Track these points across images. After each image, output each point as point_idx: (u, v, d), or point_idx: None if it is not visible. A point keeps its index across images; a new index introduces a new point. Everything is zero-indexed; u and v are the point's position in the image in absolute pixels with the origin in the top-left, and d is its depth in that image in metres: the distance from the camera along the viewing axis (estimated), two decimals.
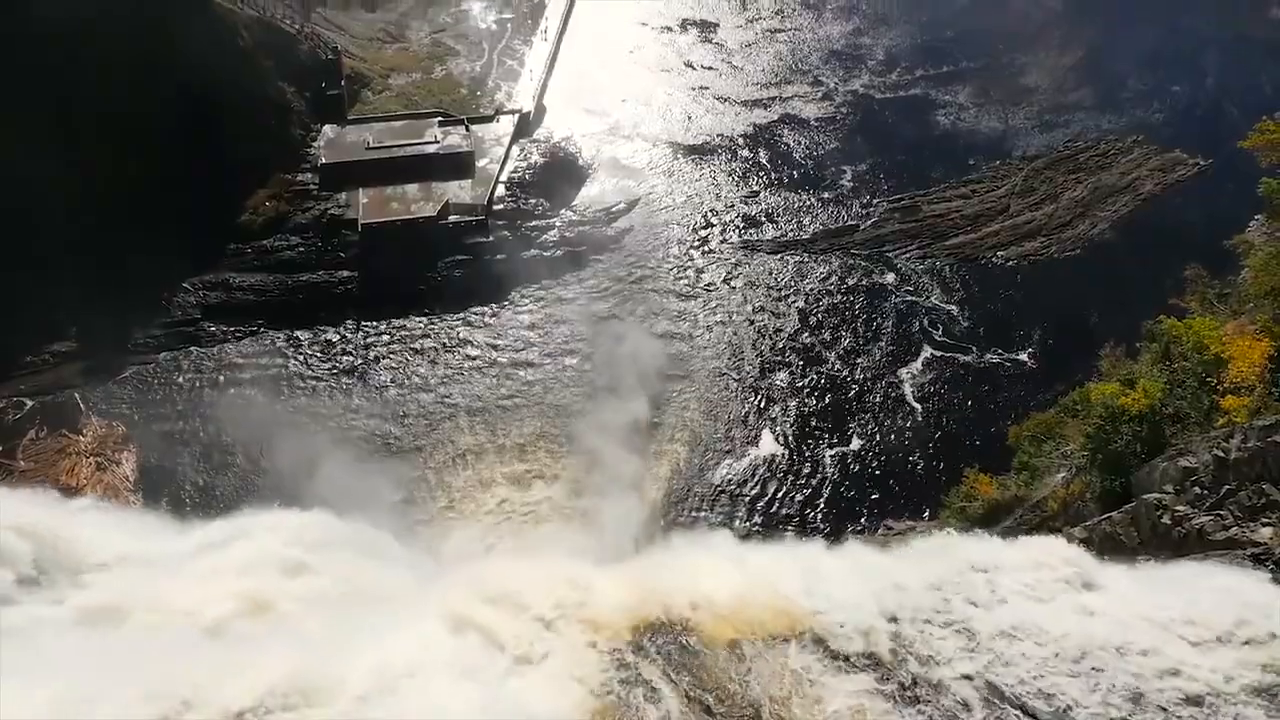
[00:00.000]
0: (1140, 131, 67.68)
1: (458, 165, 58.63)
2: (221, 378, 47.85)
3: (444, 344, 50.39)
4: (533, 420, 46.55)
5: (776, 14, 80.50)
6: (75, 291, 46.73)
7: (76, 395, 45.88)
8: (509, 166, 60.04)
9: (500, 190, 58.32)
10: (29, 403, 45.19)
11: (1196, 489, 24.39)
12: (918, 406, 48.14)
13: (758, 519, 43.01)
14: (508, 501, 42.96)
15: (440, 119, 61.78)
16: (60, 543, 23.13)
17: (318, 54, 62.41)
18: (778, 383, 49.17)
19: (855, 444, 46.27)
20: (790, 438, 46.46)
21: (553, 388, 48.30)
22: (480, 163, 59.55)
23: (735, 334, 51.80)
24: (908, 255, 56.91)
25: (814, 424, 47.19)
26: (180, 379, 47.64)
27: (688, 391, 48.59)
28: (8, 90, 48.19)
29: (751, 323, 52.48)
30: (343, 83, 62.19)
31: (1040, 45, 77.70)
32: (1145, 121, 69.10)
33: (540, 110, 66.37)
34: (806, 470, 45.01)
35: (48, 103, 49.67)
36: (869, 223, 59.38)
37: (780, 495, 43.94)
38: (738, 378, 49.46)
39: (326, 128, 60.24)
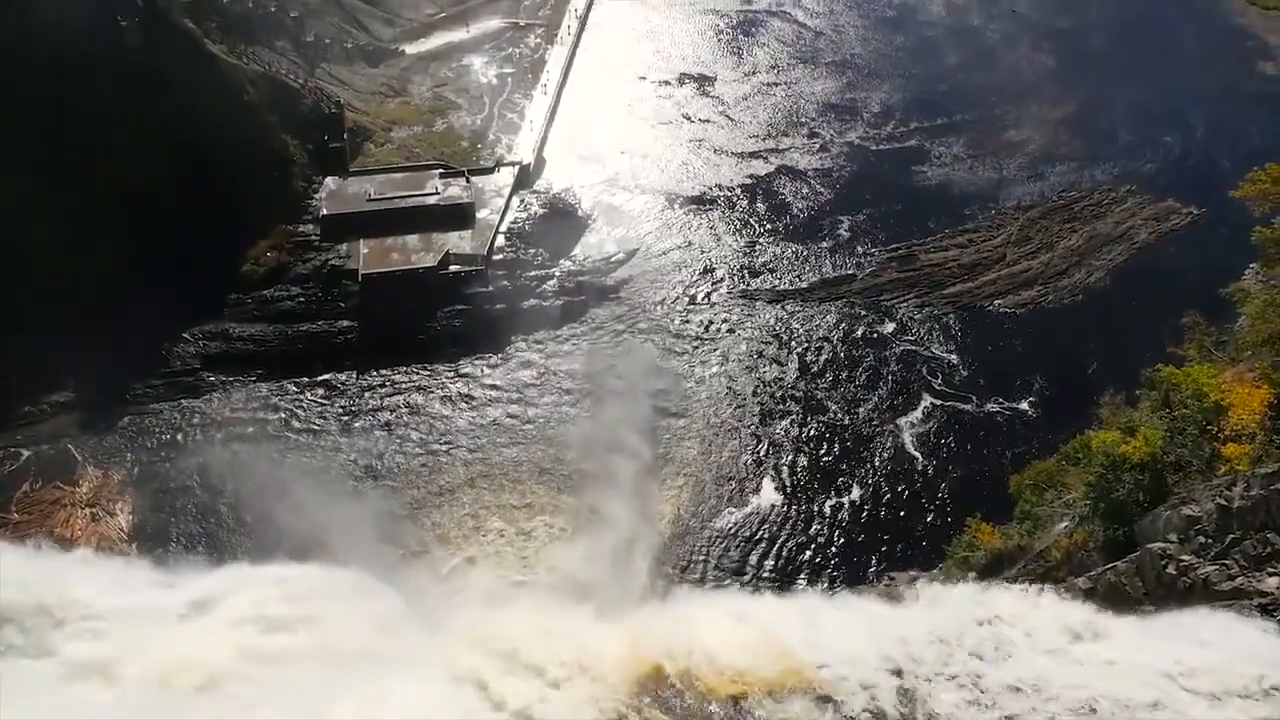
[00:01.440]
0: (1133, 181, 68.50)
1: (458, 216, 59.17)
2: (219, 428, 47.65)
3: (443, 393, 50.30)
4: (532, 468, 46.31)
5: (772, 68, 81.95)
6: (75, 342, 46.75)
7: (73, 446, 45.65)
8: (509, 217, 60.58)
9: (500, 240, 58.76)
10: (25, 453, 44.98)
11: (1201, 538, 24.14)
12: (918, 455, 47.93)
13: (759, 569, 42.51)
14: (507, 549, 42.52)
15: (441, 171, 62.52)
16: (52, 596, 22.79)
17: (321, 108, 63.36)
18: (779, 430, 49.01)
19: (855, 493, 45.96)
20: (791, 486, 46.17)
21: (552, 435, 48.09)
22: (480, 213, 60.08)
23: (735, 382, 51.76)
24: (906, 304, 57.14)
25: (815, 472, 46.92)
26: (178, 429, 47.44)
27: (689, 439, 48.39)
28: (8, 141, 48.84)
29: (752, 371, 52.48)
30: (345, 136, 63.08)
31: (1032, 99, 79.01)
32: (1137, 171, 69.97)
33: (540, 162, 67.20)
34: (808, 519, 44.63)
35: (49, 154, 50.35)
36: (866, 272, 59.73)
37: (782, 545, 43.50)
38: (738, 425, 49.29)
39: (328, 179, 60.90)
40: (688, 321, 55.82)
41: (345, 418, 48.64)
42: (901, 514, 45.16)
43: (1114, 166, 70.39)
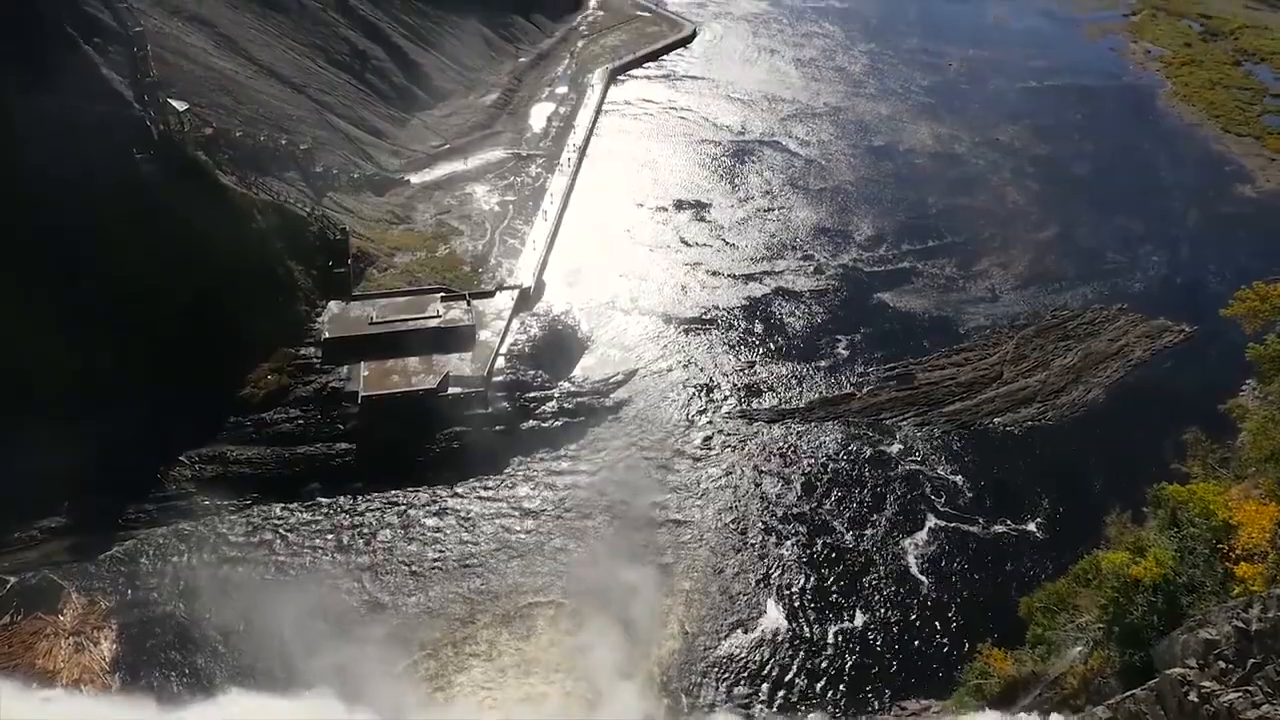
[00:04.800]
0: (1123, 300, 69.66)
1: (459, 339, 59.86)
2: (210, 554, 46.76)
3: (439, 515, 49.59)
4: (532, 591, 45.22)
5: (766, 194, 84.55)
6: (71, 465, 46.36)
7: (59, 574, 44.68)
8: (509, 339, 61.25)
9: (500, 362, 59.23)
10: (11, 580, 43.97)
11: (1221, 663, 23.37)
12: (924, 579, 46.92)
13: (765, 699, 40.93)
14: (506, 677, 41.09)
15: (443, 294, 63.62)
16: None
17: (327, 235, 64.99)
18: (783, 550, 48.14)
19: (861, 618, 44.73)
20: (796, 608, 44.98)
21: (552, 557, 47.17)
22: (481, 336, 60.79)
23: (738, 501, 51.18)
24: (906, 423, 57.12)
25: (820, 595, 45.80)
26: (168, 555, 46.55)
27: (691, 559, 47.44)
28: (17, 264, 49.96)
29: (754, 490, 51.96)
30: (349, 261, 64.48)
31: (1019, 221, 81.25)
32: (1127, 290, 71.25)
33: (540, 285, 68.48)
34: (814, 645, 43.29)
35: (55, 281, 51.41)
36: (865, 391, 59.97)
37: (789, 672, 42.04)
38: (741, 545, 48.46)
39: (331, 303, 61.88)
40: (688, 441, 55.63)
41: (339, 541, 47.80)
42: (910, 640, 43.82)
43: (1104, 286, 71.74)
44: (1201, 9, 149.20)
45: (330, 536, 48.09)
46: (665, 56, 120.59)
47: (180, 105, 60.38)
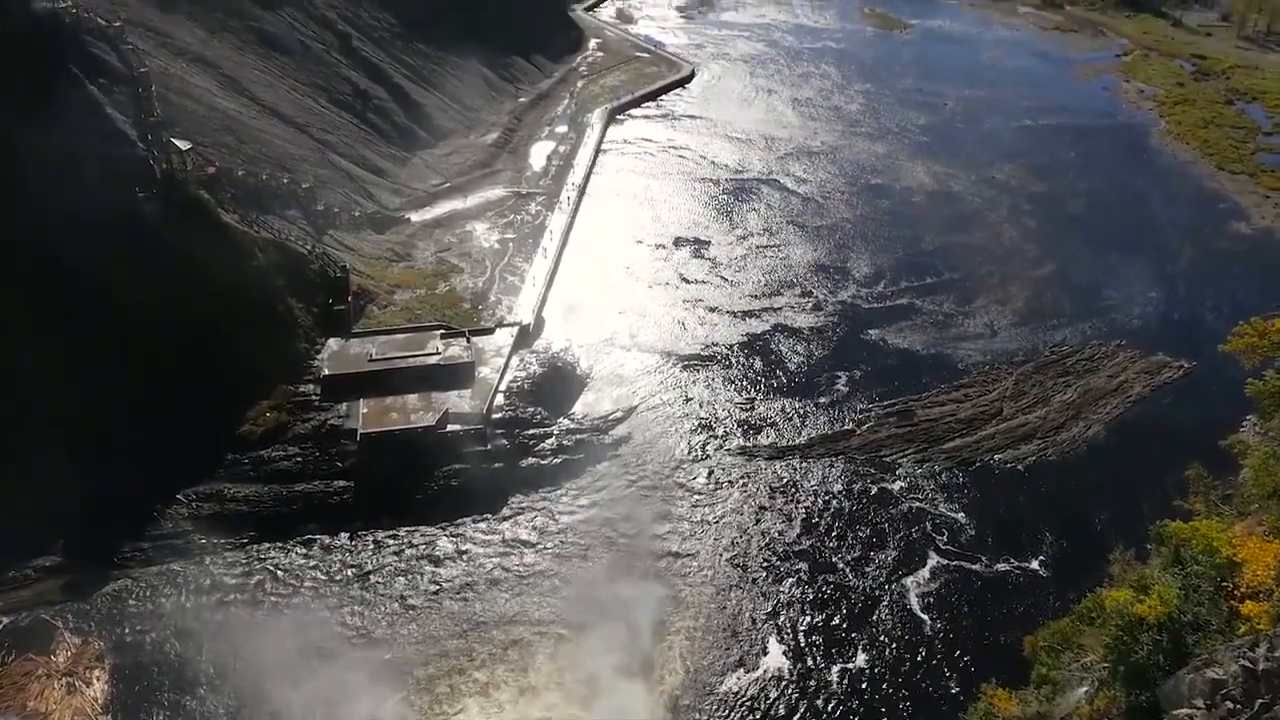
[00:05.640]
0: (1122, 336, 69.84)
1: (458, 376, 59.81)
2: (205, 593, 46.30)
3: (437, 553, 49.19)
4: (531, 630, 44.68)
5: (764, 231, 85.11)
6: (67, 503, 46.17)
7: (52, 614, 44.23)
8: (508, 376, 61.21)
9: (499, 399, 59.13)
10: (3, 620, 43.53)
11: (1228, 703, 23.03)
12: (926, 618, 46.43)
13: None
14: (505, 712, 40.53)
15: (442, 331, 63.73)
16: None
17: (327, 272, 65.25)
18: (784, 588, 47.69)
19: (863, 658, 44.18)
20: (799, 648, 44.45)
21: (550, 595, 46.68)
22: (480, 372, 60.77)
23: (739, 538, 50.80)
24: (906, 459, 56.92)
25: (822, 634, 45.27)
26: (163, 594, 46.07)
27: (691, 595, 46.97)
28: (17, 299, 50.12)
29: (755, 526, 51.61)
30: (350, 299, 64.66)
31: (1016, 258, 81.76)
32: (1125, 326, 71.47)
33: (540, 322, 68.63)
34: (817, 685, 42.70)
35: (55, 315, 51.50)
36: (865, 427, 59.84)
37: (794, 712, 41.41)
38: (743, 582, 47.99)
39: (331, 341, 61.94)
40: (688, 477, 55.36)
41: (335, 580, 47.33)
42: (914, 679, 43.25)
43: (1102, 322, 71.97)
44: (1194, 49, 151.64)
45: (326, 576, 47.64)
46: (664, 96, 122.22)
47: (183, 144, 60.96)
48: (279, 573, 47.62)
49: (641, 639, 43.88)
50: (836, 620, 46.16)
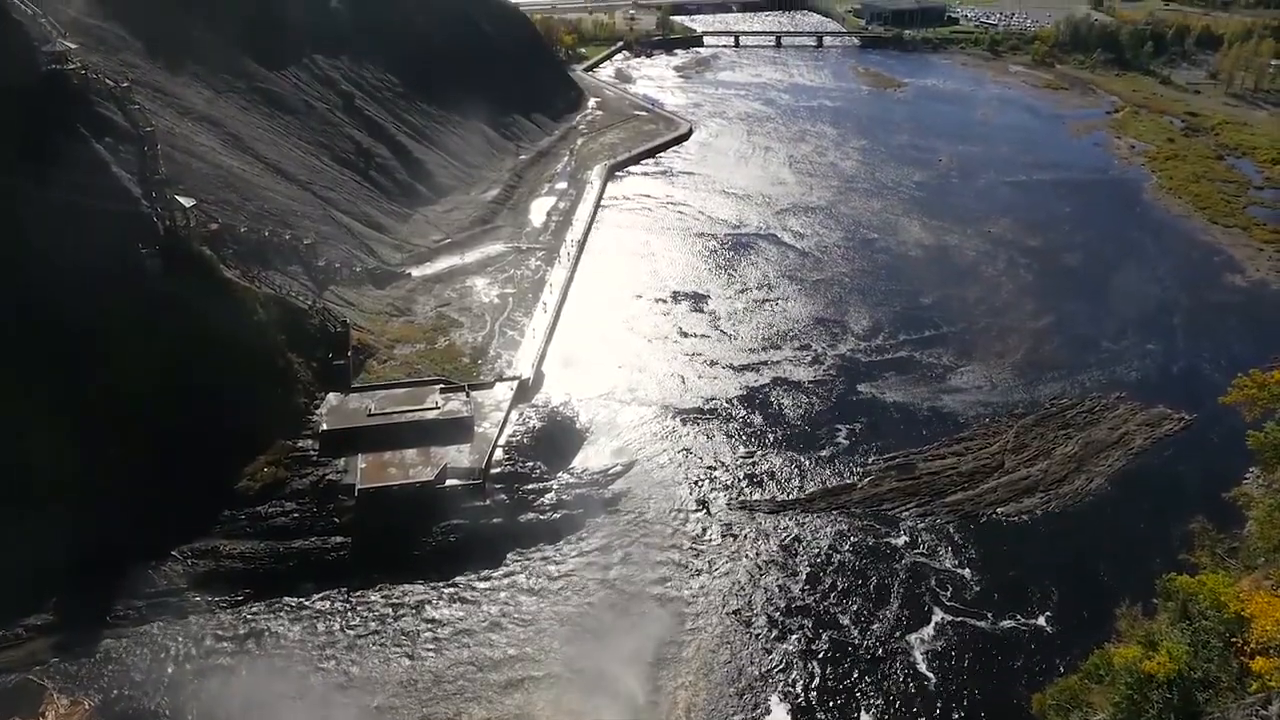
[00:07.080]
0: (1121, 388, 69.80)
1: (457, 430, 59.63)
2: (198, 652, 45.47)
3: (435, 610, 48.44)
4: (531, 690, 43.82)
5: (762, 286, 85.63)
6: (61, 560, 45.63)
7: (41, 674, 43.42)
8: (508, 430, 61.00)
9: (498, 454, 58.84)
10: None
11: None
12: (932, 676, 45.56)
13: None
14: None
15: (442, 386, 63.72)
16: None
17: (328, 327, 65.48)
18: (787, 646, 46.83)
19: (866, 718, 43.25)
20: (802, 708, 43.49)
21: (549, 653, 45.87)
22: (480, 427, 60.58)
23: (740, 593, 50.05)
24: (908, 513, 56.46)
25: (825, 692, 44.34)
26: (156, 653, 45.24)
27: (692, 651, 46.11)
28: (17, 352, 50.20)
29: (755, 582, 50.84)
30: (349, 353, 64.77)
31: (1014, 311, 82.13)
32: (1124, 379, 71.47)
33: (540, 376, 68.64)
34: None
35: (55, 369, 51.52)
36: (866, 481, 59.45)
37: None
38: (744, 640, 47.15)
39: (330, 395, 61.87)
40: (688, 532, 54.81)
41: (330, 638, 46.55)
42: None
43: (1101, 374, 71.99)
44: (1183, 106, 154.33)
45: (318, 634, 46.84)
46: (662, 154, 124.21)
47: (187, 201, 61.66)
48: (273, 631, 46.87)
49: (641, 694, 42.99)
50: (840, 678, 45.27)
